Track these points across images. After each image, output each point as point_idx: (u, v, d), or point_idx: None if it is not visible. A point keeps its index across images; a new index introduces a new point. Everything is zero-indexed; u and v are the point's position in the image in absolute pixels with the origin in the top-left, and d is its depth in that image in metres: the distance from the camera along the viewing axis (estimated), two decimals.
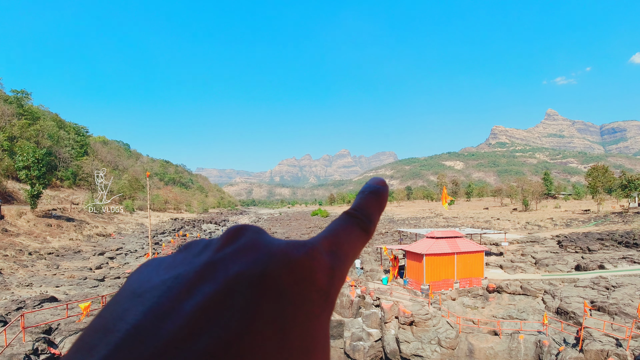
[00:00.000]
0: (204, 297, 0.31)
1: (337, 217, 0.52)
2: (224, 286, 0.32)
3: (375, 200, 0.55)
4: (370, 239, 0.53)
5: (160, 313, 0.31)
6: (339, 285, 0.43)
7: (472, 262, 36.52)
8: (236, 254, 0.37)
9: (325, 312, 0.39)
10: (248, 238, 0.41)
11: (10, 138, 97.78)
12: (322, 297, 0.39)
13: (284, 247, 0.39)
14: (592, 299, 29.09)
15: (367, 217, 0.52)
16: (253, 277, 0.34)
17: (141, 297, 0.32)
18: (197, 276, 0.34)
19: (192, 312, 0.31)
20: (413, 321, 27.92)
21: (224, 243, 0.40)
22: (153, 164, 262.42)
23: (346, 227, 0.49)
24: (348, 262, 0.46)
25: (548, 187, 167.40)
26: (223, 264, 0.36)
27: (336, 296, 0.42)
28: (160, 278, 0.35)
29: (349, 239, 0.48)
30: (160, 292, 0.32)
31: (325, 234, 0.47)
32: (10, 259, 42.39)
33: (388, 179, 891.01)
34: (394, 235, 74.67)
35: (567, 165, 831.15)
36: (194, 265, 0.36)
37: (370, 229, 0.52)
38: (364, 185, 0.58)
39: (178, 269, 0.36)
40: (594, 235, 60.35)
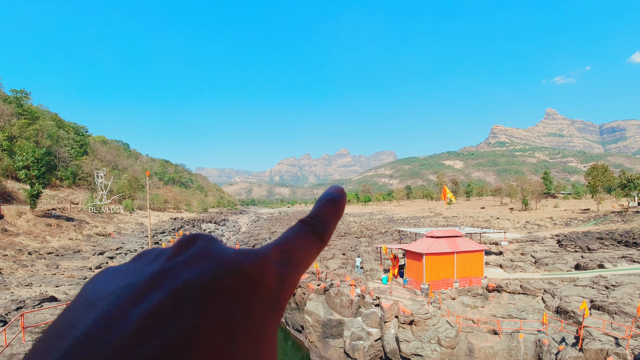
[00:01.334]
0: (151, 305, 0.32)
1: (293, 225, 0.54)
2: (172, 294, 0.33)
3: (332, 208, 0.57)
4: (325, 246, 0.54)
5: (110, 320, 0.32)
6: (288, 292, 0.44)
7: (471, 261, 36.52)
8: (186, 263, 0.38)
9: (274, 319, 0.40)
10: (199, 247, 0.42)
11: (10, 138, 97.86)
12: (270, 304, 0.40)
13: (233, 255, 0.41)
14: (592, 298, 29.11)
15: (323, 225, 0.54)
16: (201, 285, 0.35)
17: (93, 304, 0.33)
18: (147, 284, 0.35)
19: (140, 319, 0.32)
20: (413, 320, 27.91)
21: (175, 252, 0.41)
22: (153, 163, 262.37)
23: (300, 234, 0.51)
24: (300, 269, 0.48)
25: (548, 187, 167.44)
26: (173, 272, 0.37)
27: (286, 303, 0.43)
28: (113, 286, 0.36)
29: (301, 246, 0.49)
30: (111, 300, 0.33)
31: (278, 241, 0.48)
32: (10, 259, 42.38)
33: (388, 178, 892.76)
34: (393, 235, 74.67)
35: (567, 165, 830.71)
36: (145, 274, 0.37)
37: (325, 236, 0.53)
38: (323, 193, 0.60)
39: (130, 277, 0.37)
40: (593, 235, 60.32)
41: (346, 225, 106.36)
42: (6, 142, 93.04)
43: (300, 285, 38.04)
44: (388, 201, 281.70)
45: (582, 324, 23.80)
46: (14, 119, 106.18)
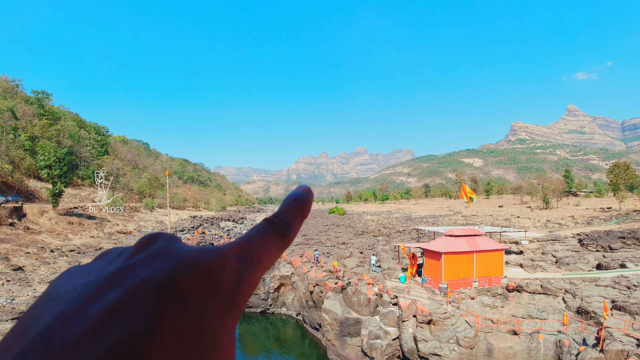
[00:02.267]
0: (109, 302, 0.34)
1: (257, 223, 0.56)
2: (129, 291, 0.35)
3: (297, 207, 0.58)
4: (288, 245, 0.56)
5: (69, 316, 0.33)
6: (247, 290, 0.46)
7: (491, 260, 36.19)
8: (145, 261, 0.40)
9: (231, 316, 0.41)
10: (159, 245, 0.44)
11: (32, 138, 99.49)
12: (227, 301, 0.41)
13: (192, 253, 0.42)
14: (613, 298, 28.66)
15: (287, 224, 0.55)
16: (157, 282, 0.37)
17: (55, 301, 0.36)
18: (106, 282, 0.37)
19: (97, 315, 0.33)
20: (431, 320, 27.79)
21: (135, 251, 0.44)
22: (172, 162, 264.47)
23: (262, 233, 0.52)
24: (260, 268, 0.49)
25: (569, 185, 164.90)
26: (132, 270, 0.39)
27: (244, 300, 0.45)
28: (74, 284, 0.38)
29: (263, 244, 0.50)
30: (71, 297, 0.36)
31: (240, 239, 0.50)
32: (33, 256, 43.18)
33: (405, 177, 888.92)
34: (411, 234, 74.35)
35: (588, 162, 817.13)
36: (105, 272, 0.39)
37: (288, 235, 0.55)
38: (290, 193, 0.62)
39: (91, 276, 0.40)
40: (615, 234, 59.29)
41: (364, 223, 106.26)
42: (28, 142, 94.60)
43: (318, 283, 38.15)
44: (406, 200, 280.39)
45: (603, 325, 23.48)
46: (36, 119, 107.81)
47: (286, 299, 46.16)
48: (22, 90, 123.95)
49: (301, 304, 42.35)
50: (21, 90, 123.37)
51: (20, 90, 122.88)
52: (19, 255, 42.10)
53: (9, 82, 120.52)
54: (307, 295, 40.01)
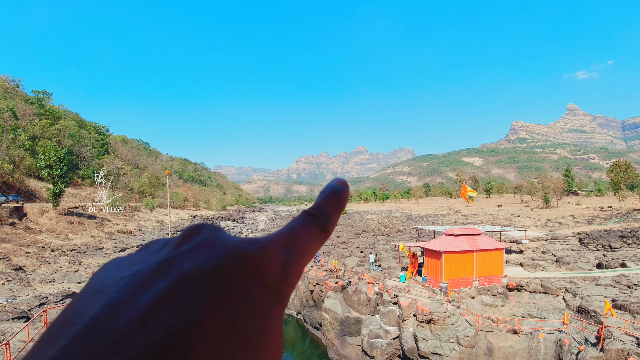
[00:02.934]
0: (158, 292, 0.34)
1: (297, 215, 0.56)
2: (178, 281, 0.35)
3: (335, 199, 0.58)
4: (328, 237, 0.56)
5: (117, 307, 0.33)
6: (292, 280, 0.46)
7: (491, 259, 36.19)
8: (192, 251, 0.40)
9: (278, 305, 0.41)
10: (204, 236, 0.43)
11: (32, 138, 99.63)
12: (273, 291, 0.41)
13: (237, 243, 0.42)
14: (614, 297, 28.67)
15: (326, 216, 0.55)
16: (206, 272, 0.36)
17: (101, 292, 0.35)
18: (154, 272, 0.37)
19: (147, 305, 0.33)
20: (431, 319, 27.80)
21: (181, 241, 0.43)
22: (172, 162, 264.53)
23: (304, 224, 0.53)
24: (303, 259, 0.49)
25: (569, 184, 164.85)
26: (179, 260, 0.39)
27: (290, 290, 0.45)
28: (120, 275, 0.38)
29: (305, 236, 0.51)
30: (118, 288, 0.35)
31: (282, 231, 0.50)
32: (33, 256, 43.23)
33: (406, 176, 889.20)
34: (412, 233, 74.42)
35: (589, 161, 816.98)
36: (152, 262, 0.39)
37: (328, 227, 0.55)
38: (326, 185, 0.61)
39: (136, 266, 0.39)
40: (615, 233, 59.31)
41: (364, 223, 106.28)
42: (29, 142, 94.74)
43: (318, 282, 38.17)
44: (406, 199, 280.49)
45: (604, 324, 23.48)
46: (36, 119, 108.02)
47: None
48: (22, 90, 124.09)
49: (301, 303, 42.38)
50: (21, 90, 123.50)
51: (21, 90, 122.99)
52: (19, 254, 42.14)
53: (9, 82, 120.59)
54: (307, 294, 40.03)
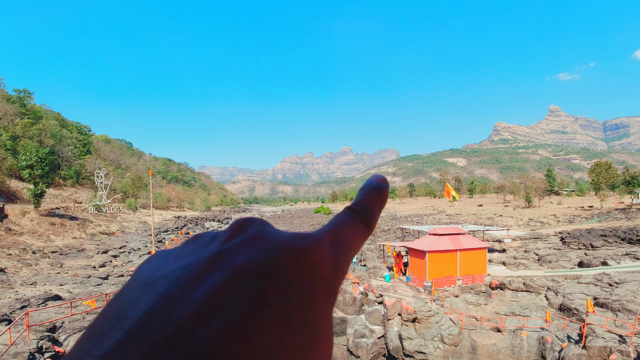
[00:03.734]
0: (213, 285, 0.33)
1: (340, 212, 0.54)
2: (233, 275, 0.34)
3: (376, 196, 0.57)
4: (371, 232, 0.55)
5: (171, 300, 0.32)
6: (342, 275, 0.44)
7: (474, 259, 36.51)
8: (243, 245, 0.39)
9: (329, 301, 0.40)
10: (254, 230, 0.43)
11: (13, 137, 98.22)
12: (326, 286, 0.40)
13: (289, 238, 0.41)
14: (595, 295, 29.07)
15: (369, 212, 0.54)
16: (260, 266, 0.35)
17: (151, 285, 0.34)
18: (206, 265, 0.36)
19: (202, 299, 0.32)
20: (416, 318, 27.95)
21: (231, 234, 0.42)
22: (156, 162, 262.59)
23: (348, 221, 0.51)
24: (351, 254, 0.48)
25: (551, 184, 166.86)
26: (231, 254, 0.38)
27: (339, 286, 0.44)
28: (170, 268, 0.37)
29: (351, 232, 0.50)
30: (170, 281, 0.34)
31: (329, 227, 0.49)
32: (14, 258, 42.57)
33: (390, 176, 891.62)
34: (396, 233, 74.70)
35: (570, 162, 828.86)
36: (203, 256, 0.38)
37: (371, 223, 0.54)
38: (366, 182, 0.61)
39: (187, 259, 0.38)
40: (597, 232, 60.20)
41: None
42: (10, 142, 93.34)
43: None
44: (391, 199, 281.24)
45: (586, 322, 23.80)
46: (17, 118, 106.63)
47: None
48: (3, 89, 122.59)
49: None
50: (2, 89, 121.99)
51: (2, 89, 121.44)
52: (0, 256, 41.49)
53: None
54: None
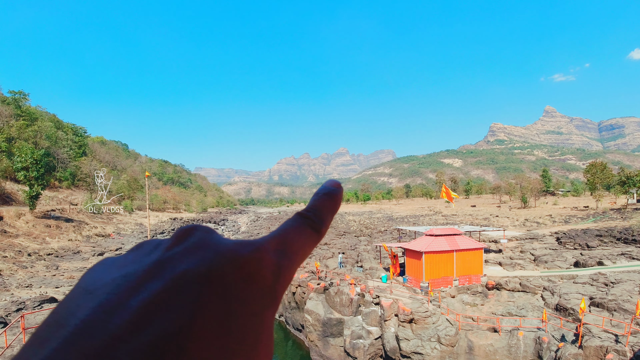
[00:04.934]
0: (150, 293, 0.33)
1: (290, 217, 0.55)
2: (171, 283, 0.34)
3: (329, 201, 0.57)
4: (321, 239, 0.55)
5: (109, 308, 0.32)
6: (285, 282, 0.45)
7: (471, 259, 36.56)
8: (185, 253, 0.39)
9: (270, 308, 0.41)
10: (197, 237, 0.42)
11: (8, 139, 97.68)
12: (267, 293, 0.40)
13: (231, 245, 0.41)
14: (591, 295, 29.14)
15: (319, 218, 0.54)
16: (199, 274, 0.35)
17: (92, 293, 0.34)
18: (146, 274, 0.36)
19: (139, 307, 0.32)
20: (413, 319, 27.95)
21: (173, 243, 0.42)
22: (151, 163, 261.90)
23: (297, 227, 0.52)
24: (296, 261, 0.49)
25: (546, 184, 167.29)
26: (171, 262, 0.37)
27: (282, 293, 0.44)
28: (111, 276, 0.37)
29: (298, 238, 0.50)
30: (110, 289, 0.34)
31: (275, 233, 0.49)
32: (10, 260, 42.38)
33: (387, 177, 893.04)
34: (393, 233, 74.72)
35: (566, 162, 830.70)
36: (144, 264, 0.38)
37: (321, 229, 0.54)
38: (319, 187, 0.61)
39: (128, 267, 0.38)
40: (592, 232, 60.42)
41: (345, 224, 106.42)
42: (5, 144, 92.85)
43: (300, 284, 38.10)
44: (387, 200, 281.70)
45: (582, 321, 23.84)
46: (13, 120, 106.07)
47: None
48: None
49: (283, 305, 42.21)
50: None
51: None
52: None
53: None
54: (289, 296, 39.91)
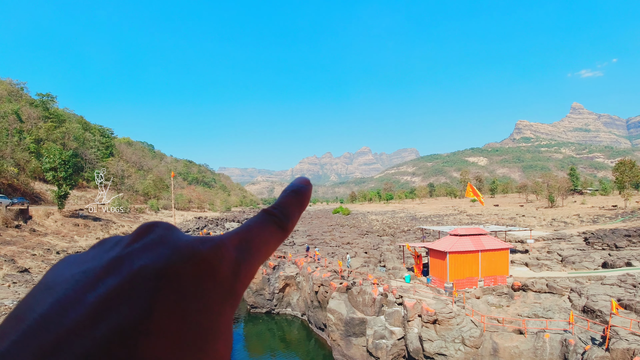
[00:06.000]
0: (106, 289, 0.35)
1: (256, 214, 0.56)
2: (127, 279, 0.36)
3: (296, 198, 0.59)
4: (287, 236, 0.56)
5: (66, 303, 0.33)
6: (245, 279, 0.47)
7: (496, 259, 36.15)
8: (143, 249, 0.40)
9: (228, 303, 0.42)
10: (157, 234, 0.44)
11: (37, 140, 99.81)
12: (224, 290, 0.42)
13: (190, 242, 0.43)
14: (619, 297, 28.58)
15: (285, 215, 0.56)
16: (155, 270, 0.37)
17: (51, 289, 0.36)
18: (104, 270, 0.37)
19: (95, 302, 0.33)
20: (436, 319, 27.76)
21: (133, 239, 0.43)
22: (177, 164, 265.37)
23: (261, 224, 0.53)
24: (259, 258, 0.50)
25: (574, 183, 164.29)
26: (129, 258, 0.39)
27: (242, 289, 0.46)
28: (71, 272, 0.38)
29: (261, 235, 0.51)
30: (69, 285, 0.36)
31: (238, 230, 0.51)
32: (38, 258, 43.33)
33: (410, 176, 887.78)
34: (416, 233, 74.35)
35: (594, 160, 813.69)
36: (102, 260, 0.40)
37: (287, 226, 0.55)
38: (288, 185, 0.62)
39: (88, 264, 0.40)
40: (621, 232, 59.10)
41: (368, 223, 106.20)
42: (33, 145, 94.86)
43: (323, 283, 38.18)
44: (410, 199, 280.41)
45: (609, 324, 23.40)
46: (41, 122, 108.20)
47: (291, 299, 46.15)
48: (26, 93, 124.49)
49: (306, 304, 42.37)
50: (26, 93, 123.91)
51: (25, 93, 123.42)
52: (25, 257, 42.27)
53: (13, 85, 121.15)
54: (312, 295, 40.03)
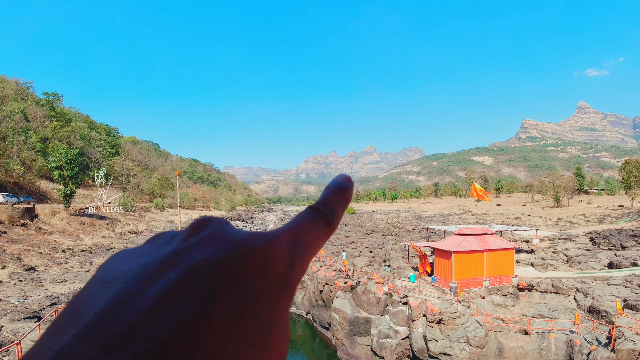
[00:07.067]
0: (167, 283, 0.35)
1: (302, 210, 0.57)
2: (187, 273, 0.36)
3: (340, 195, 0.59)
4: (333, 231, 0.57)
5: (127, 297, 0.34)
6: (299, 273, 0.47)
7: (502, 259, 36.02)
8: (200, 244, 0.41)
9: (284, 298, 0.42)
10: (212, 229, 0.44)
11: (43, 139, 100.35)
12: (280, 284, 0.42)
13: (246, 236, 0.43)
14: (625, 297, 28.45)
15: (331, 211, 0.56)
16: (214, 264, 0.37)
17: (109, 283, 0.36)
18: (163, 264, 0.38)
19: (156, 296, 0.34)
20: (441, 319, 27.72)
21: (189, 234, 0.44)
22: (182, 163, 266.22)
23: (309, 219, 0.54)
24: (310, 253, 0.51)
25: (580, 183, 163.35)
26: (187, 252, 0.40)
27: (296, 284, 0.47)
28: (128, 266, 0.39)
29: (311, 230, 0.52)
30: (127, 279, 0.36)
31: (288, 225, 0.52)
32: (45, 257, 43.57)
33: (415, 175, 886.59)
34: (421, 232, 74.26)
35: (600, 160, 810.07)
36: (160, 254, 0.40)
37: (333, 222, 0.56)
38: (330, 182, 0.62)
39: (145, 258, 0.40)
40: (627, 232, 58.75)
41: (373, 222, 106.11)
42: (39, 144, 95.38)
43: (327, 282, 38.19)
44: (415, 198, 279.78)
45: (615, 324, 23.30)
46: (47, 121, 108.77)
47: (296, 298, 46.16)
48: (33, 93, 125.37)
49: (311, 303, 42.41)
50: (32, 93, 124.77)
51: (31, 93, 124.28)
52: (31, 255, 42.49)
53: (20, 84, 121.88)
54: (316, 294, 40.05)
